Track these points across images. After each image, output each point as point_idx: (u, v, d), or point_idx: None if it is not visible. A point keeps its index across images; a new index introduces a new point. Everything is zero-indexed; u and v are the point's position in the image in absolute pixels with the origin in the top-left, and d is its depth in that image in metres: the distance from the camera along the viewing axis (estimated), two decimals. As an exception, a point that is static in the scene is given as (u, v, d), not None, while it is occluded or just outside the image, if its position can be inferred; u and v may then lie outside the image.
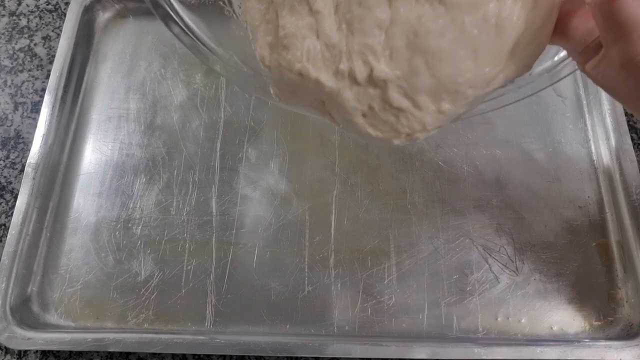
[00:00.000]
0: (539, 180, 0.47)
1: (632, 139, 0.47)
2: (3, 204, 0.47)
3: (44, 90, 0.50)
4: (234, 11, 0.34)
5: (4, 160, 0.49)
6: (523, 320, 0.41)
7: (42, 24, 0.56)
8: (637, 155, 0.46)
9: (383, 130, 0.31)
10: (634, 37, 0.24)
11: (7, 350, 0.41)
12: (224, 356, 0.41)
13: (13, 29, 0.56)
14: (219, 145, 0.48)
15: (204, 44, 0.36)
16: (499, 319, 0.41)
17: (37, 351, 0.41)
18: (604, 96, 0.49)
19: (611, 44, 0.26)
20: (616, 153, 0.46)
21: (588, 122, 0.49)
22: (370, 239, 0.44)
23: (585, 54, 0.29)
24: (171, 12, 0.35)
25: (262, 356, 0.39)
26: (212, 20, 0.36)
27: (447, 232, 0.44)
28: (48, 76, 0.50)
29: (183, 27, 0.35)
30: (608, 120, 0.48)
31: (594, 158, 0.48)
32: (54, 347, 0.40)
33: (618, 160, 0.46)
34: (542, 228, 0.45)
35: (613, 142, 0.47)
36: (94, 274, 0.43)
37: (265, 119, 0.49)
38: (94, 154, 0.48)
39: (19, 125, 0.51)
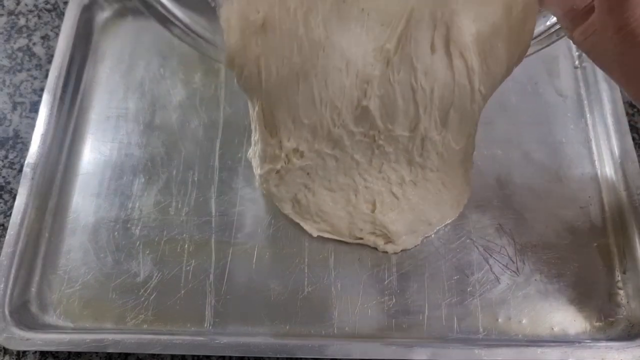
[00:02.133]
0: (540, 180, 0.46)
1: (634, 139, 0.47)
2: (2, 204, 0.47)
3: (42, 90, 0.49)
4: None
5: (2, 160, 0.49)
6: (524, 321, 0.41)
7: (41, 23, 0.56)
8: (638, 156, 0.46)
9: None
10: (633, 4, 0.24)
11: (5, 351, 0.41)
12: (223, 357, 0.40)
13: (12, 28, 0.55)
14: (218, 145, 0.48)
15: (204, 38, 0.36)
16: (499, 320, 0.41)
17: (35, 352, 0.41)
18: (605, 95, 0.48)
19: (607, 10, 0.26)
20: (617, 153, 0.46)
21: (589, 121, 0.49)
22: (370, 239, 0.44)
23: (575, 20, 0.28)
24: (165, 13, 0.35)
25: (262, 357, 0.39)
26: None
27: (448, 232, 0.44)
28: (47, 76, 0.50)
29: (181, 25, 0.35)
30: (609, 120, 0.48)
31: (595, 158, 0.47)
32: (53, 348, 0.40)
33: (619, 160, 0.46)
34: (543, 228, 0.44)
35: (614, 142, 0.47)
36: (93, 274, 0.43)
37: (264, 118, 0.49)
38: (93, 153, 0.48)
39: (17, 125, 0.50)
